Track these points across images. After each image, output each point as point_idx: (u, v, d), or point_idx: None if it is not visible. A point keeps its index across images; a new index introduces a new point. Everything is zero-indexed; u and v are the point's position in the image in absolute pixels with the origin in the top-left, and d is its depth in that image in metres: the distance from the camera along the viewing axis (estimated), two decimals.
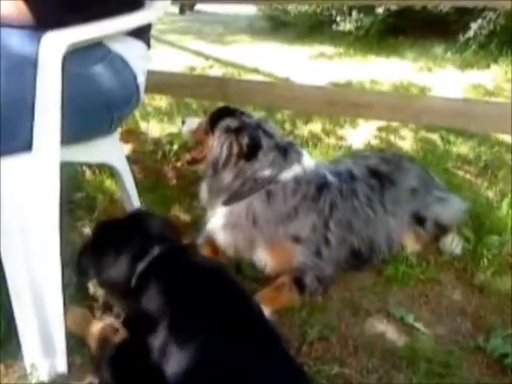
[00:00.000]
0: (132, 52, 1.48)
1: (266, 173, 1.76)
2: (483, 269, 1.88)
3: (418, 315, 1.65)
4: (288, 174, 1.78)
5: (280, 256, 1.75)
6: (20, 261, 1.28)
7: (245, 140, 1.74)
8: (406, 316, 1.63)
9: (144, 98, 1.79)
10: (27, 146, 1.21)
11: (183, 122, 2.06)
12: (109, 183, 2.46)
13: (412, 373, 1.40)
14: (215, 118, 1.86)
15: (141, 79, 1.53)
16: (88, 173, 2.58)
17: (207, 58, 6.01)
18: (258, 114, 2.58)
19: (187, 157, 2.08)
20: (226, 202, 1.81)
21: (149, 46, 1.60)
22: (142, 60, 1.54)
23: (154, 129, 3.36)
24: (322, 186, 1.82)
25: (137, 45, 1.53)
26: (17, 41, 1.24)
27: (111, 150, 1.61)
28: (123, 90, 1.47)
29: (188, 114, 3.49)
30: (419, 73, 5.60)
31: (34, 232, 1.27)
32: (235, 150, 1.75)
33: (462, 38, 6.41)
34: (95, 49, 1.39)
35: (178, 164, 2.82)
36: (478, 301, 1.75)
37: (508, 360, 1.43)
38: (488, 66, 5.80)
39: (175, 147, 2.93)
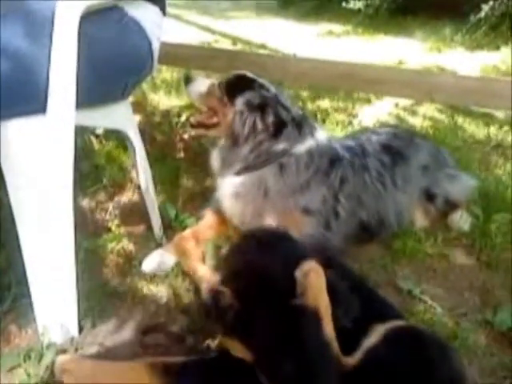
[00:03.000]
0: (148, 17, 1.46)
1: (281, 146, 1.76)
2: (491, 245, 1.88)
3: (426, 288, 1.66)
4: (302, 148, 1.78)
5: (288, 227, 1.75)
6: (34, 223, 1.28)
7: (270, 118, 1.74)
8: (413, 289, 1.64)
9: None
10: (42, 108, 1.20)
11: (187, 80, 1.95)
12: (117, 153, 2.45)
13: None
14: (233, 88, 1.83)
15: (155, 45, 1.50)
16: (95, 142, 2.57)
17: (213, 32, 5.94)
18: None
19: (191, 119, 2.02)
20: (239, 173, 1.80)
21: (164, 12, 1.57)
22: (157, 26, 1.51)
23: (162, 101, 3.33)
24: (333, 160, 1.82)
25: (153, 10, 1.50)
26: (33, 2, 1.22)
27: (124, 117, 1.59)
28: (137, 55, 1.45)
29: None
30: (428, 53, 5.54)
31: (48, 194, 1.26)
32: (259, 127, 1.75)
33: (472, 19, 6.31)
34: (112, 12, 1.36)
35: (186, 136, 2.81)
36: (486, 276, 1.76)
37: None
38: (498, 48, 5.73)
39: (183, 119, 2.91)
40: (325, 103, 3.45)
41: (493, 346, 1.44)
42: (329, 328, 1.06)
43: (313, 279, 1.07)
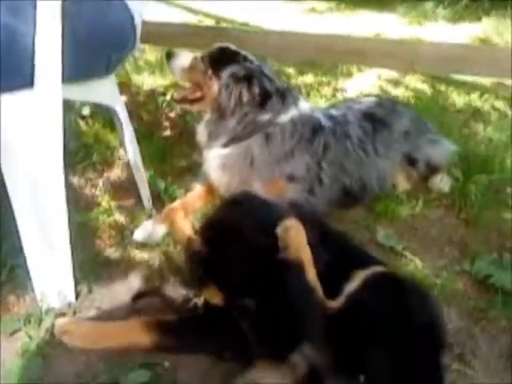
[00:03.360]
0: None
1: (266, 116, 1.81)
2: (470, 204, 1.96)
3: (407, 245, 1.74)
4: (285, 117, 1.83)
5: (274, 194, 1.80)
6: (27, 196, 1.31)
7: (256, 90, 1.79)
8: (395, 245, 1.71)
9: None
10: (29, 82, 1.23)
11: (169, 55, 1.95)
12: (104, 133, 2.49)
13: None
14: (218, 61, 1.86)
15: (137, 20, 1.53)
16: (82, 124, 2.60)
17: (196, 13, 5.91)
18: None
19: (175, 95, 2.05)
20: (226, 144, 1.85)
21: None
22: (138, 1, 1.54)
23: (146, 81, 3.35)
24: (316, 129, 1.87)
25: None
26: None
27: (110, 92, 1.62)
28: (120, 30, 1.48)
29: None
30: (410, 27, 5.57)
31: (40, 166, 1.29)
32: (245, 98, 1.80)
33: None
34: None
35: (172, 114, 2.85)
36: (465, 232, 1.84)
37: (492, 280, 1.53)
38: (479, 20, 5.77)
39: (168, 98, 2.94)
40: (309, 78, 3.50)
41: (470, 293, 1.54)
42: (312, 276, 1.13)
43: (293, 234, 1.16)
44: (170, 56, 1.95)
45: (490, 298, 1.51)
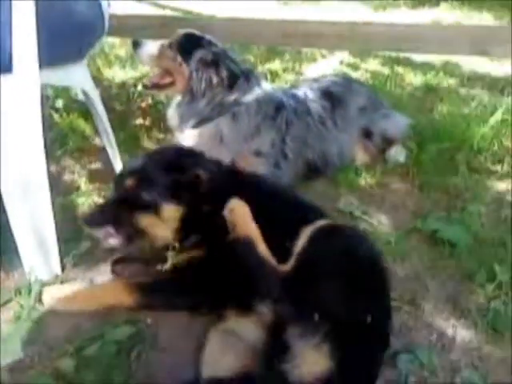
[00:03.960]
0: None
1: (233, 97, 1.95)
2: (423, 172, 2.14)
3: (365, 210, 1.90)
4: (250, 97, 1.98)
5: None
6: (12, 177, 1.41)
7: (224, 72, 1.92)
8: (354, 211, 1.88)
9: (105, 44, 1.87)
10: (8, 68, 1.33)
11: (136, 44, 2.04)
12: (78, 123, 2.58)
13: None
14: (185, 47, 1.97)
15: (105, 6, 1.64)
16: (55, 116, 2.68)
17: (164, 7, 5.98)
18: None
19: (145, 81, 2.16)
20: (196, 125, 1.98)
21: None
22: None
23: (117, 75, 3.44)
24: (279, 107, 2.02)
25: None
26: None
27: (82, 76, 1.74)
28: (89, 16, 1.59)
29: None
30: (375, 13, 5.77)
31: (21, 148, 1.40)
32: (215, 81, 1.93)
33: None
34: None
35: (143, 104, 2.95)
36: (418, 197, 2.02)
37: (439, 234, 1.71)
38: (438, 4, 6.01)
39: (139, 89, 3.04)
40: (274, 65, 3.65)
41: (421, 247, 1.71)
42: (262, 248, 1.24)
43: (239, 213, 1.27)
44: (136, 45, 2.05)
45: (439, 250, 1.68)
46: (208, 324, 1.33)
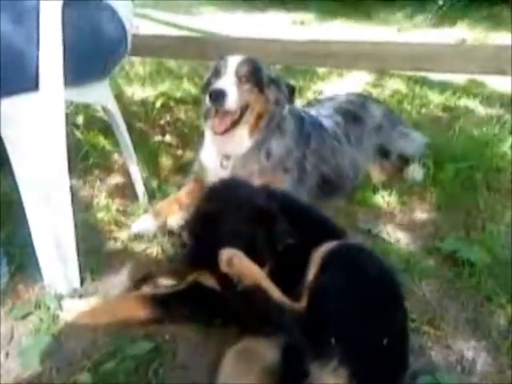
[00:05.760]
0: (119, 2, 1.63)
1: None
2: (441, 191, 2.12)
3: (383, 228, 1.90)
4: (285, 112, 1.97)
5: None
6: (35, 193, 1.44)
7: (285, 89, 1.93)
8: (372, 228, 1.87)
9: (126, 63, 1.89)
10: (34, 86, 1.37)
11: (220, 95, 1.74)
12: (98, 140, 2.63)
13: None
14: (256, 75, 1.85)
15: (128, 28, 1.69)
16: (77, 133, 2.74)
17: (181, 28, 6.11)
18: None
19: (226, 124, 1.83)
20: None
21: None
22: (128, 10, 1.70)
23: (137, 92, 3.51)
24: (300, 120, 2.04)
25: None
26: None
27: (104, 94, 1.77)
28: (114, 36, 1.63)
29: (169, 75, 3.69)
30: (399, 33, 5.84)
31: (46, 163, 1.44)
32: (283, 98, 1.93)
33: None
34: None
35: (162, 122, 3.00)
36: (436, 216, 2.01)
37: (459, 254, 1.69)
38: (455, 24, 6.06)
39: (158, 107, 3.10)
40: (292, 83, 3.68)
41: (440, 266, 1.69)
42: (273, 291, 1.20)
43: (237, 263, 1.21)
44: (221, 96, 1.75)
45: (458, 270, 1.66)
46: (225, 340, 1.33)
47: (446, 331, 1.44)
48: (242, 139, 1.87)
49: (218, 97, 1.73)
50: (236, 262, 1.20)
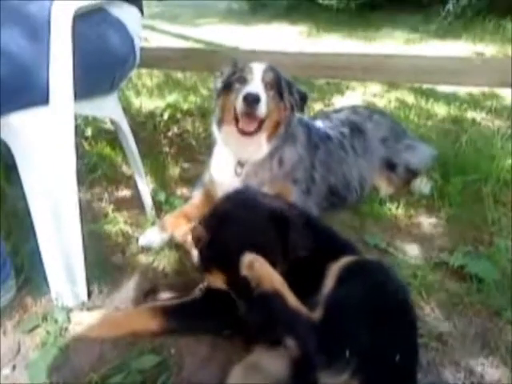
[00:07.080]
0: (128, 17, 1.66)
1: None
2: (449, 204, 2.12)
3: (390, 242, 1.89)
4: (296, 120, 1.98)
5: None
6: (43, 205, 1.45)
7: (297, 95, 1.92)
8: (379, 243, 1.86)
9: (134, 74, 1.91)
10: (45, 100, 1.39)
11: (255, 100, 1.71)
12: (107, 152, 2.65)
13: None
14: (277, 82, 1.85)
15: (137, 41, 1.71)
16: (85, 144, 2.76)
17: (187, 39, 6.16)
18: None
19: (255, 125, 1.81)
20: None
21: (142, 12, 1.78)
22: (137, 25, 1.72)
23: (144, 104, 3.53)
24: (308, 131, 2.04)
25: (132, 10, 1.70)
26: (31, 6, 1.40)
27: (113, 106, 1.79)
28: (122, 50, 1.65)
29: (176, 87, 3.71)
30: (405, 45, 5.86)
31: (55, 176, 1.45)
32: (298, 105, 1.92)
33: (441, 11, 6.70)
34: (97, 13, 1.56)
35: (169, 133, 3.02)
36: (444, 229, 1.99)
37: (467, 269, 1.68)
38: (460, 37, 6.07)
39: (165, 118, 3.12)
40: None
41: (448, 280, 1.68)
42: (291, 299, 1.20)
43: (258, 268, 1.21)
44: (255, 101, 1.73)
45: (466, 285, 1.65)
46: (232, 354, 1.32)
47: (454, 347, 1.43)
48: (261, 145, 1.87)
49: (254, 101, 1.72)
50: (257, 266, 1.21)
